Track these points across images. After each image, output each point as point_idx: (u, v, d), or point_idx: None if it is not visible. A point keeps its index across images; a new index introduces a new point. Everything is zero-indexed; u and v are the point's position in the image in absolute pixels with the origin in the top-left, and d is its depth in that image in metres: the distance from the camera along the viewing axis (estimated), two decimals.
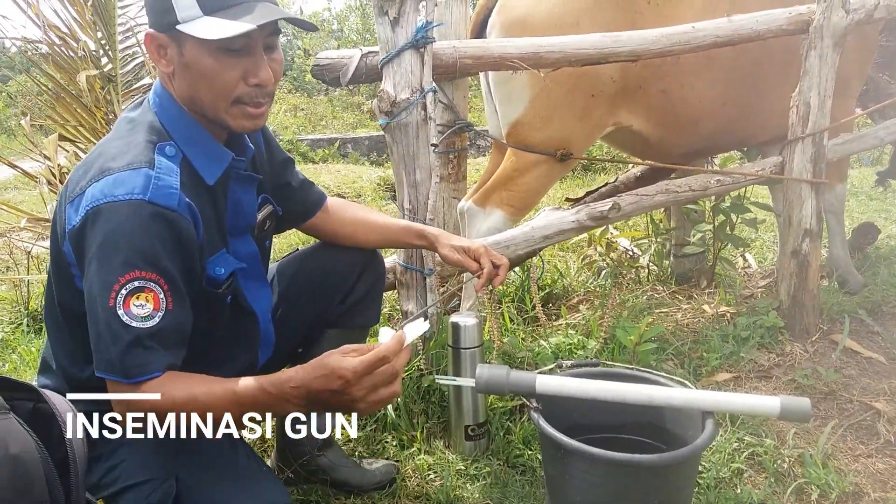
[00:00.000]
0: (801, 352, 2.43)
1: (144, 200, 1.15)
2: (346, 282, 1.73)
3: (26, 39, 2.71)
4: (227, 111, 1.28)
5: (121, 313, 1.12)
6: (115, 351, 1.12)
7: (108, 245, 1.13)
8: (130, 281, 1.13)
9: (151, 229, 1.15)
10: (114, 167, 1.18)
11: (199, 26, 1.19)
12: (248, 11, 1.21)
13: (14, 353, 2.86)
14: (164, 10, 1.21)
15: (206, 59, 1.22)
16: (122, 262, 1.12)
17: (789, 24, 2.31)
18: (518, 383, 1.51)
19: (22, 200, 6.58)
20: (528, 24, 2.43)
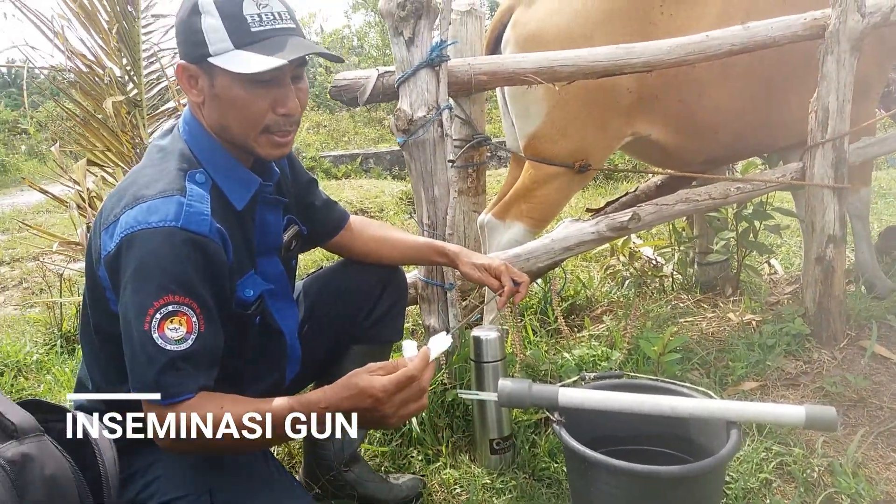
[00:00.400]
0: (829, 359, 2.40)
1: (177, 227, 1.19)
2: (369, 298, 1.76)
3: (54, 68, 2.79)
4: (256, 140, 1.32)
5: (156, 337, 1.16)
6: (151, 373, 1.16)
7: (143, 270, 1.18)
8: (164, 305, 1.17)
9: (184, 255, 1.19)
10: (147, 195, 1.22)
11: (231, 60, 1.24)
12: (279, 46, 1.25)
13: (48, 374, 2.93)
14: (196, 42, 1.25)
15: (236, 90, 1.26)
16: (157, 287, 1.17)
17: (805, 29, 2.30)
18: (540, 396, 1.52)
19: (53, 224, 6.73)
20: (542, 39, 2.45)
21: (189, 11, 1.26)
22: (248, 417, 1.17)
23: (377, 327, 1.78)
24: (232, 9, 1.24)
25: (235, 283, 1.37)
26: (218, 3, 1.24)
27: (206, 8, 1.24)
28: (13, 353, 3.15)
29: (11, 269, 5.58)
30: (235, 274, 1.36)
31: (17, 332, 3.68)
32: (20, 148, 16.72)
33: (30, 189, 11.74)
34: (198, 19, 1.25)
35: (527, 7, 2.54)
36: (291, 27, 1.30)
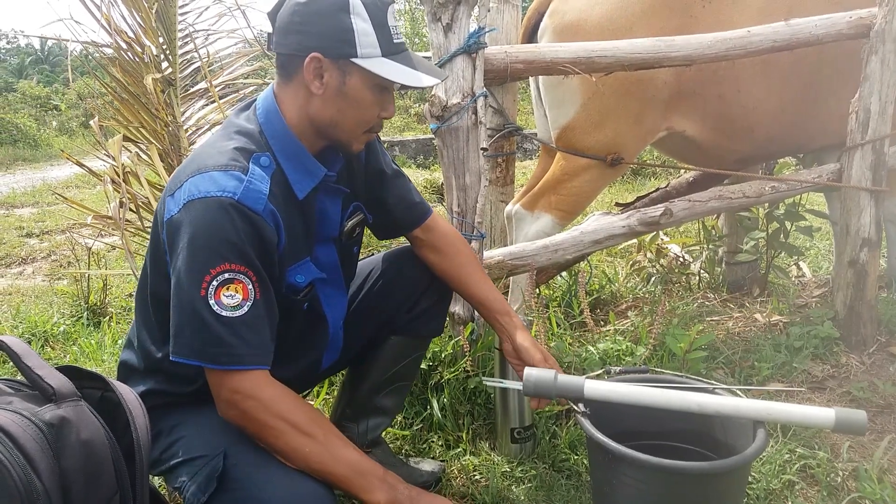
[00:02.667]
0: (857, 363, 2.36)
1: (235, 199, 1.23)
2: (414, 291, 1.75)
3: (95, 44, 2.83)
4: (358, 137, 1.40)
5: (212, 303, 1.20)
6: (202, 338, 1.21)
7: (200, 237, 1.22)
8: (221, 273, 1.21)
9: (239, 226, 1.23)
10: (210, 165, 1.27)
11: (383, 67, 1.30)
12: (411, 60, 1.35)
13: (74, 345, 2.98)
14: (342, 40, 1.29)
15: (365, 92, 1.33)
16: (214, 254, 1.21)
17: (850, 28, 2.25)
18: (566, 387, 1.51)
19: (83, 199, 6.84)
20: (581, 29, 2.43)
21: (337, 7, 1.28)
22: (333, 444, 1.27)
23: (419, 321, 1.77)
24: (381, 18, 1.30)
25: (287, 268, 1.40)
26: (368, 7, 1.29)
27: (357, 10, 1.28)
28: (41, 323, 3.22)
29: (41, 241, 5.68)
30: (288, 259, 1.39)
31: (44, 302, 3.75)
32: (51, 124, 16.96)
33: (59, 164, 11.97)
34: (347, 19, 1.28)
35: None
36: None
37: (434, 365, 2.13)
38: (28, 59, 43.80)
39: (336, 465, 1.25)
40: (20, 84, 21.83)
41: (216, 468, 1.25)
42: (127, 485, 0.99)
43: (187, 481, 1.27)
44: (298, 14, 1.30)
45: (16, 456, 0.85)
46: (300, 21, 1.29)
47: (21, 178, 10.18)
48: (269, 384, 1.26)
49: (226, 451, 1.28)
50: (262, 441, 1.26)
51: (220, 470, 1.25)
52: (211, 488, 1.24)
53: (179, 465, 1.32)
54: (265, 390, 1.24)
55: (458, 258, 1.75)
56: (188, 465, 1.31)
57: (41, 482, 0.85)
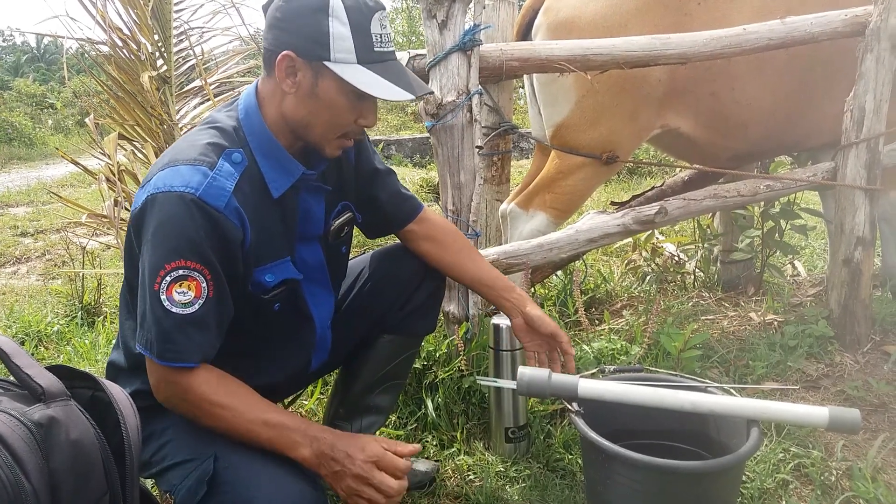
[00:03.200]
0: (852, 362, 2.37)
1: (195, 196, 1.22)
2: (405, 289, 1.74)
3: (91, 41, 2.82)
4: (330, 141, 1.37)
5: (163, 298, 1.21)
6: (154, 332, 1.22)
7: (160, 232, 1.22)
8: (175, 269, 1.21)
9: (198, 222, 1.23)
10: (179, 160, 1.26)
11: (354, 74, 1.26)
12: (394, 71, 1.30)
13: (68, 345, 2.97)
14: (316, 41, 1.25)
15: (338, 97, 1.30)
16: (170, 250, 1.21)
17: (845, 26, 2.25)
18: (560, 386, 1.51)
19: (78, 198, 6.81)
20: (575, 26, 2.43)
21: (315, 8, 1.25)
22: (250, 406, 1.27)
23: (411, 319, 1.76)
24: (362, 23, 1.26)
25: (257, 266, 1.38)
26: (349, 11, 1.25)
27: (336, 12, 1.25)
28: (35, 323, 3.20)
29: (35, 240, 5.66)
30: (260, 258, 1.38)
31: (38, 302, 3.73)
32: (47, 122, 16.92)
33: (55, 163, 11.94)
34: (325, 20, 1.25)
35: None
36: (394, 51, 1.35)
37: (428, 364, 2.13)
38: (24, 57, 43.70)
39: (259, 429, 1.25)
40: (16, 82, 21.79)
41: (206, 471, 1.25)
42: (117, 485, 0.98)
43: (178, 485, 1.27)
44: (280, 10, 1.28)
45: (4, 456, 0.84)
46: (280, 17, 1.28)
47: (16, 176, 10.15)
48: (203, 378, 1.26)
49: (216, 454, 1.27)
50: (196, 421, 1.28)
51: (210, 473, 1.25)
52: (201, 492, 1.24)
53: (169, 469, 1.31)
54: (199, 385, 1.25)
55: (455, 245, 1.74)
56: (178, 468, 1.30)
57: (29, 482, 0.84)
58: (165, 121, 2.99)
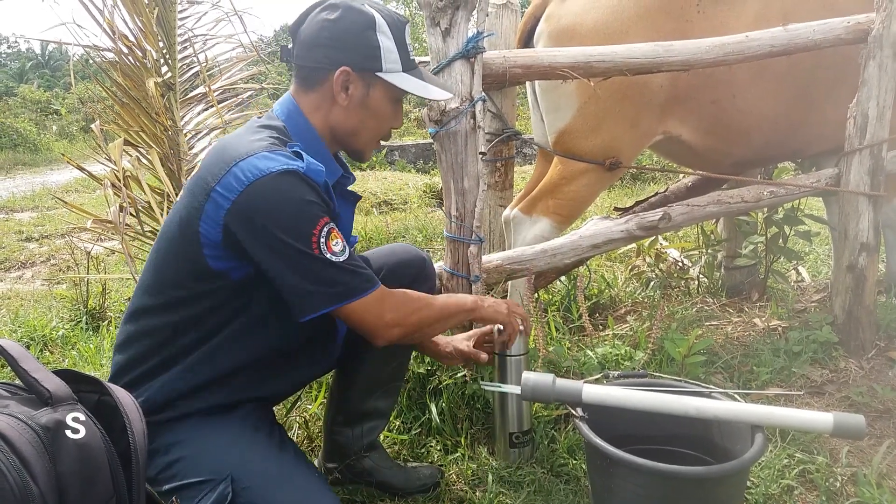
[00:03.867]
0: (856, 368, 2.36)
1: (301, 171, 1.31)
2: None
3: (97, 48, 2.84)
4: (371, 146, 1.54)
5: (328, 256, 1.31)
6: (340, 283, 1.33)
7: (286, 207, 1.28)
8: (322, 228, 1.31)
9: (312, 189, 1.32)
10: (255, 150, 1.31)
11: (405, 81, 1.44)
12: (426, 75, 1.51)
13: (73, 350, 2.98)
14: (369, 56, 1.41)
15: (386, 104, 1.48)
16: (309, 216, 1.30)
17: (847, 33, 2.26)
18: (564, 392, 1.51)
19: (82, 203, 6.83)
20: (577, 34, 2.44)
21: (364, 26, 1.39)
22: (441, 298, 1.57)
23: None
24: (400, 36, 1.44)
25: None
26: (392, 27, 1.42)
27: (382, 28, 1.41)
28: (40, 328, 3.22)
29: (40, 245, 5.68)
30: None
31: (43, 307, 3.75)
32: (52, 128, 16.99)
33: (59, 168, 11.99)
34: (374, 36, 1.40)
35: (561, 1, 2.53)
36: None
37: (432, 369, 2.13)
38: (29, 63, 43.88)
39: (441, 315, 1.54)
40: (21, 88, 21.89)
41: (224, 494, 1.26)
42: (123, 489, 0.98)
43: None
44: (327, 30, 1.39)
45: (11, 459, 0.85)
46: (329, 36, 1.39)
47: (21, 182, 10.20)
48: (388, 295, 1.44)
49: (232, 476, 1.28)
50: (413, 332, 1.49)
51: (228, 496, 1.25)
52: None
53: (182, 488, 1.30)
54: (389, 301, 1.43)
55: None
56: (191, 489, 1.29)
57: (37, 486, 0.85)
58: (170, 127, 3.01)
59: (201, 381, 1.39)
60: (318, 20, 1.40)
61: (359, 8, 1.40)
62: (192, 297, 1.38)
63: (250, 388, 1.46)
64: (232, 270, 1.36)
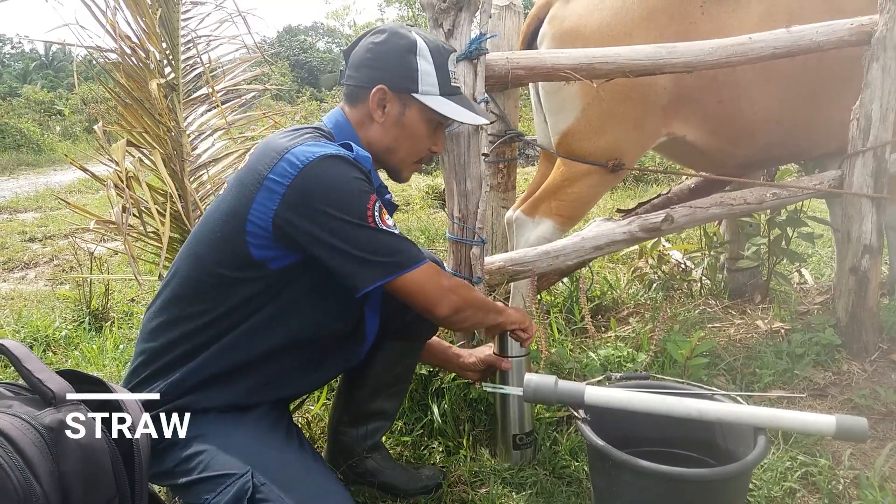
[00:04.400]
0: (859, 371, 2.36)
1: (350, 157, 1.39)
2: None
3: (100, 48, 2.84)
4: (409, 166, 1.60)
5: (384, 228, 1.38)
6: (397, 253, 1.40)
7: (339, 186, 1.35)
8: (374, 203, 1.38)
9: (362, 173, 1.39)
10: (304, 140, 1.38)
11: (439, 103, 1.50)
12: (466, 103, 1.56)
13: (76, 350, 2.98)
14: (406, 76, 1.48)
15: (421, 125, 1.53)
16: (361, 193, 1.36)
17: (851, 35, 2.25)
18: (566, 393, 1.51)
19: (85, 204, 6.85)
20: (580, 35, 2.44)
21: (405, 49, 1.48)
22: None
23: (415, 324, 1.76)
24: (442, 62, 1.50)
25: None
26: (433, 52, 1.49)
27: (423, 53, 1.48)
28: (43, 328, 3.22)
29: (43, 245, 5.69)
30: None
31: (46, 307, 3.76)
32: (55, 129, 17.03)
33: (62, 169, 12.01)
34: (414, 59, 1.48)
35: (565, 2, 2.53)
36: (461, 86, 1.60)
37: (434, 371, 2.13)
38: (32, 64, 44.00)
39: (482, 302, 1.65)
40: (24, 89, 21.94)
41: (244, 488, 1.26)
42: (126, 488, 0.99)
43: (210, 499, 1.27)
44: (372, 52, 1.50)
45: (15, 459, 0.85)
46: (372, 58, 1.50)
47: (24, 182, 10.22)
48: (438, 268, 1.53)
49: (252, 470, 1.28)
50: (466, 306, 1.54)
51: (250, 490, 1.26)
52: None
53: (203, 481, 1.30)
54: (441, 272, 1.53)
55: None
56: (212, 481, 1.29)
57: (40, 486, 0.85)
58: (173, 128, 3.00)
59: (226, 369, 1.41)
60: (366, 43, 1.51)
61: (403, 33, 1.49)
62: (227, 284, 1.40)
63: (273, 383, 1.47)
64: (273, 260, 1.39)
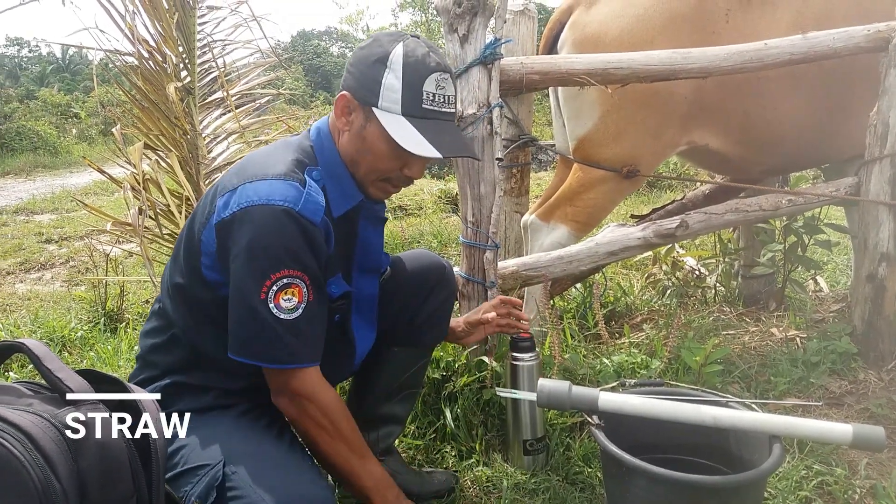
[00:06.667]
0: (876, 380, 2.34)
1: (295, 210, 1.29)
2: (413, 302, 1.75)
3: (118, 52, 2.88)
4: (373, 183, 1.45)
5: (272, 307, 1.28)
6: (266, 339, 1.29)
7: (261, 243, 1.28)
8: (281, 278, 1.27)
9: (297, 233, 1.29)
10: (269, 174, 1.32)
11: (393, 123, 1.34)
12: (438, 130, 1.36)
13: (91, 350, 3.01)
14: (370, 88, 1.36)
15: (382, 143, 1.37)
16: (275, 260, 1.27)
17: (867, 41, 2.24)
18: (580, 399, 1.51)
19: (101, 206, 6.89)
20: (601, 42, 2.43)
21: (377, 59, 1.35)
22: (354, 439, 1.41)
23: (420, 331, 1.77)
24: (415, 80, 1.34)
25: (328, 278, 1.44)
26: (406, 67, 1.34)
27: (394, 66, 1.34)
28: (59, 329, 3.25)
29: (59, 247, 5.75)
30: (328, 271, 1.43)
31: (62, 308, 3.79)
32: (71, 131, 17.19)
33: (78, 171, 12.10)
34: (382, 71, 1.34)
35: (587, 8, 2.52)
36: (452, 112, 1.41)
37: (447, 375, 2.13)
38: (49, 67, 44.48)
39: (365, 477, 1.40)
40: (41, 92, 22.18)
41: (216, 477, 1.27)
42: (144, 487, 0.99)
43: (188, 490, 1.29)
44: (353, 57, 1.43)
45: (35, 457, 0.86)
46: (351, 62, 1.42)
47: (41, 184, 10.32)
48: (324, 386, 1.37)
49: (225, 460, 1.29)
50: (308, 437, 1.38)
51: (220, 479, 1.27)
52: (211, 497, 1.25)
53: (182, 474, 1.32)
54: (323, 393, 1.36)
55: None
56: (190, 473, 1.31)
57: (59, 482, 0.86)
58: (189, 131, 3.03)
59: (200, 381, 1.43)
60: (356, 47, 1.45)
61: (386, 42, 1.37)
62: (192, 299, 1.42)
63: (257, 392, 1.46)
64: (220, 286, 1.36)
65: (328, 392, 1.38)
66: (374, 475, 1.42)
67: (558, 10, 2.63)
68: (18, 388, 1.02)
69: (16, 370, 2.74)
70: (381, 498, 1.41)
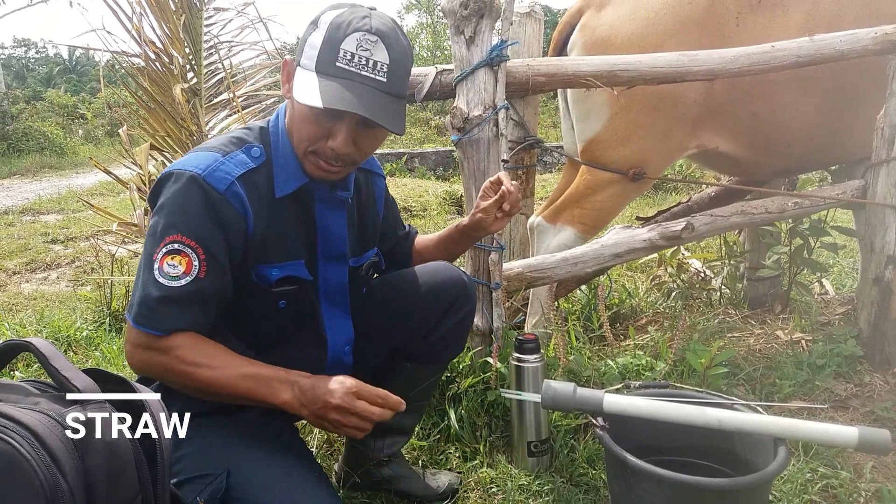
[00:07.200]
0: (882, 383, 2.33)
1: (199, 177, 1.29)
2: (430, 318, 1.67)
3: (125, 53, 2.89)
4: (305, 156, 1.37)
5: (156, 268, 1.26)
6: (138, 296, 1.27)
7: (166, 206, 1.29)
8: (172, 242, 1.26)
9: (199, 203, 1.28)
10: (203, 147, 1.36)
11: (300, 79, 1.30)
12: (348, 89, 1.25)
13: (97, 350, 3.02)
14: (300, 48, 1.34)
15: (301, 105, 1.29)
16: (171, 224, 1.27)
17: (875, 44, 2.23)
18: (585, 401, 1.51)
19: (107, 206, 6.91)
20: (612, 45, 2.42)
21: (312, 20, 1.33)
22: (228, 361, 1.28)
23: (435, 348, 1.71)
24: (335, 38, 1.27)
25: (263, 262, 1.40)
26: (331, 25, 1.28)
27: (321, 24, 1.30)
28: (64, 328, 3.26)
29: (65, 247, 5.76)
30: (264, 253, 1.39)
31: (68, 308, 3.80)
32: (77, 132, 17.25)
33: (84, 172, 12.12)
34: (311, 30, 1.32)
35: (597, 11, 2.51)
36: (380, 80, 1.29)
37: (452, 376, 2.13)
38: (56, 68, 44.67)
39: (238, 382, 1.25)
40: (48, 93, 22.26)
41: (219, 487, 1.27)
42: (149, 487, 1.00)
43: (192, 499, 1.27)
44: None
45: (42, 455, 0.86)
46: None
47: (47, 185, 10.35)
48: (178, 342, 1.26)
49: (229, 470, 1.29)
50: (170, 383, 1.30)
51: (223, 489, 1.26)
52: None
53: (184, 483, 1.30)
54: (173, 347, 1.25)
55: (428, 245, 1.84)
56: (193, 482, 1.30)
57: (66, 481, 0.86)
58: (195, 132, 3.04)
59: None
60: None
61: (332, 5, 1.33)
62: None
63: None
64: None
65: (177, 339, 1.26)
66: (247, 374, 1.26)
67: (568, 12, 2.62)
68: (25, 386, 1.03)
69: (21, 369, 2.75)
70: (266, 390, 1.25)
